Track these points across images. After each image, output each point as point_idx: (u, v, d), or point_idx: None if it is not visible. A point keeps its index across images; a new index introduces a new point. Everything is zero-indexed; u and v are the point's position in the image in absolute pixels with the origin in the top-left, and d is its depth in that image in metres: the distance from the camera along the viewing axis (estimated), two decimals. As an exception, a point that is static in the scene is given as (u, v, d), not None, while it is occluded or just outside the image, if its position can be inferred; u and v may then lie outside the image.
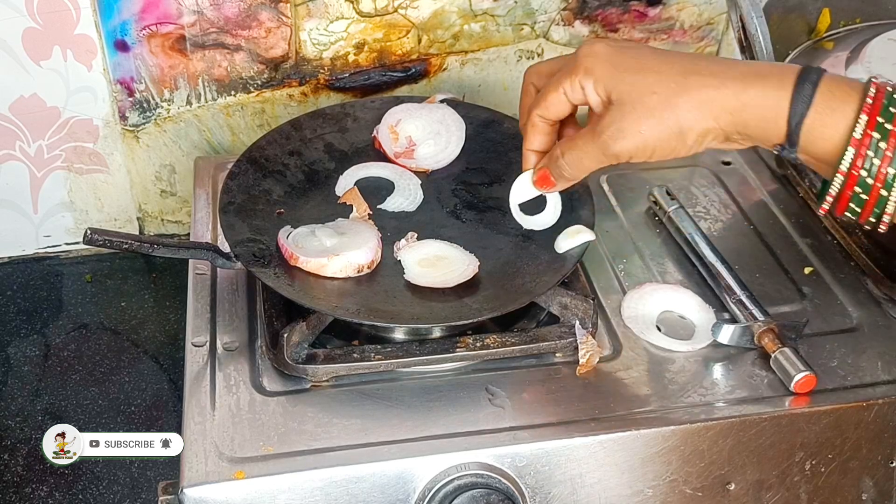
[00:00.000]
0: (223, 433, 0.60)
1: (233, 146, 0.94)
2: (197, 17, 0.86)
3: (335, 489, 0.58)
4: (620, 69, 0.56)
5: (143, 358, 0.86)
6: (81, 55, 0.85)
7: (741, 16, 0.73)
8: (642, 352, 0.68)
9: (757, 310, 0.69)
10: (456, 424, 0.62)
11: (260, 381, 0.65)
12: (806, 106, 0.51)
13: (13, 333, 0.88)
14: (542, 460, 0.61)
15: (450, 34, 0.93)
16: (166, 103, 0.90)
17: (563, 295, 0.68)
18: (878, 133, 0.49)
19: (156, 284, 0.94)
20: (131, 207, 0.96)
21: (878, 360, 0.68)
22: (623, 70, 0.56)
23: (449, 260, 0.69)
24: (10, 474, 0.76)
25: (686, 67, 0.55)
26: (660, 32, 0.97)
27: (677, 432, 0.62)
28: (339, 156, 0.80)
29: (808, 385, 0.64)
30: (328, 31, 0.89)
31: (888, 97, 0.49)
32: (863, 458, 0.65)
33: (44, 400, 0.82)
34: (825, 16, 0.86)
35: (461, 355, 0.65)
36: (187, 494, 0.57)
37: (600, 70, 0.57)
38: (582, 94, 0.58)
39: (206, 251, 0.67)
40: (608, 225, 0.81)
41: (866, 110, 0.49)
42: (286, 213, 0.73)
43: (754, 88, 0.53)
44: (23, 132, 0.88)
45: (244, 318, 0.70)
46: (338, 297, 0.65)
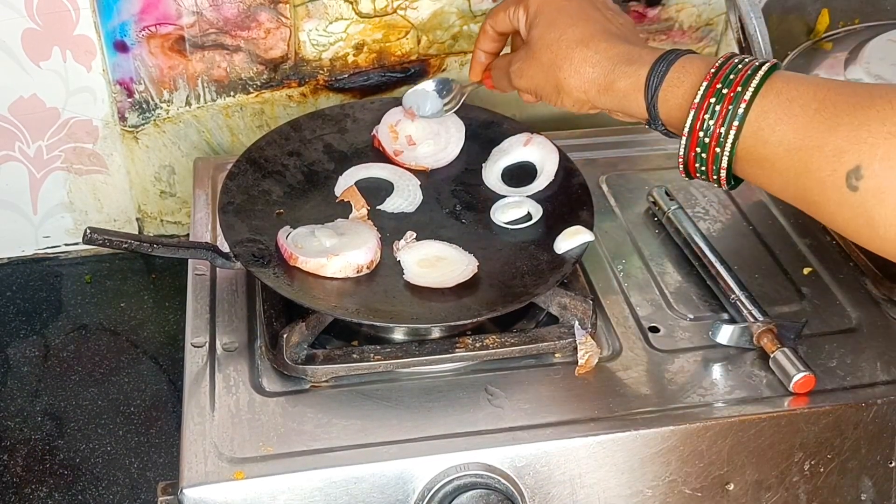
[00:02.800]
0: (223, 434, 0.60)
1: (232, 147, 0.94)
2: (196, 17, 0.86)
3: (335, 489, 0.59)
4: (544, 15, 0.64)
5: (143, 358, 0.86)
6: (81, 56, 0.85)
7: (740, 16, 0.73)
8: (641, 352, 0.68)
9: (756, 310, 0.69)
10: (455, 425, 0.62)
11: (259, 381, 0.65)
12: (659, 81, 0.57)
13: (13, 334, 0.88)
14: (542, 460, 0.61)
15: (449, 35, 0.93)
16: (166, 104, 0.90)
17: (562, 295, 0.68)
18: (715, 98, 0.54)
19: (155, 285, 0.94)
20: (131, 208, 0.96)
21: (877, 361, 0.68)
22: (546, 17, 0.64)
23: (448, 260, 0.69)
24: (10, 475, 0.76)
25: (583, 36, 0.62)
26: (659, 33, 0.97)
27: (676, 433, 0.62)
28: (338, 156, 0.80)
29: (807, 385, 0.64)
30: (327, 32, 0.90)
31: (732, 68, 0.54)
32: (862, 458, 0.65)
33: (43, 400, 0.82)
34: (824, 16, 0.86)
35: (460, 356, 0.65)
36: (187, 495, 0.57)
37: (533, 9, 0.65)
38: (517, 21, 0.67)
39: (205, 251, 0.67)
40: (607, 225, 0.81)
41: (707, 78, 0.54)
42: (285, 213, 0.73)
43: (620, 69, 0.59)
44: (22, 133, 0.88)
45: (244, 319, 0.70)
46: (337, 298, 0.65)
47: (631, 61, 0.59)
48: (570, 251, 0.69)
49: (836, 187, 0.49)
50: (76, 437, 0.79)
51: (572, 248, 0.69)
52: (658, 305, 0.73)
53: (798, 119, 0.51)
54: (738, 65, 0.54)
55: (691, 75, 0.56)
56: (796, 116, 0.51)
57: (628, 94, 0.59)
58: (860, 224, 0.49)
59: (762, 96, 0.52)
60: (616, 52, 0.60)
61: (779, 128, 0.51)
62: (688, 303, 0.73)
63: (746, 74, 0.53)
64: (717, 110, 0.53)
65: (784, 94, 0.52)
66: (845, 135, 0.48)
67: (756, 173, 0.54)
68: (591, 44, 0.61)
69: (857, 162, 0.48)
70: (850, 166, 0.48)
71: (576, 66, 0.61)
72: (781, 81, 0.53)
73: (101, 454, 0.78)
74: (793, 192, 0.53)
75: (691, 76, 0.56)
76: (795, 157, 0.51)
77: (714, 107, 0.54)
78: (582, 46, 0.61)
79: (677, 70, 0.57)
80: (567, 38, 0.62)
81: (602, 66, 0.60)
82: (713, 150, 0.55)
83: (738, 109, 0.53)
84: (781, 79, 0.53)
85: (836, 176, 0.49)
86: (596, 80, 0.60)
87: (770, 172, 0.53)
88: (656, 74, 0.57)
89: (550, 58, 0.63)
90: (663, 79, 0.57)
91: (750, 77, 0.53)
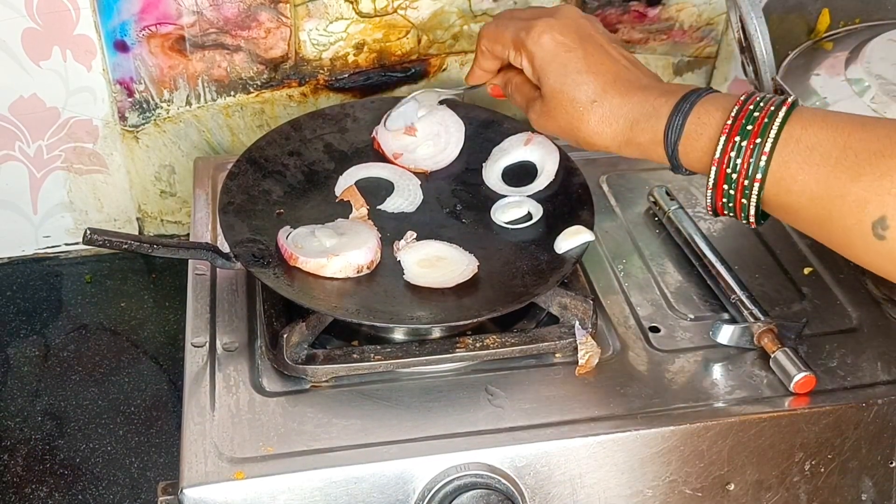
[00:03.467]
0: (223, 433, 0.60)
1: (232, 146, 0.94)
2: (196, 17, 0.86)
3: (335, 489, 0.58)
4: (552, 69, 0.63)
5: (143, 358, 0.86)
6: (81, 55, 0.85)
7: (740, 16, 0.73)
8: (642, 352, 0.68)
9: (756, 310, 0.69)
10: (455, 425, 0.62)
11: (260, 381, 0.65)
12: (677, 136, 0.57)
13: (13, 334, 0.88)
14: (542, 460, 0.61)
15: (449, 34, 0.93)
16: (166, 104, 0.90)
17: (562, 295, 0.68)
18: (735, 151, 0.54)
19: (155, 285, 0.94)
20: (131, 208, 0.96)
21: (878, 361, 0.68)
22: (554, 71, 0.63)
23: (448, 260, 0.69)
24: (10, 475, 0.76)
25: (596, 93, 0.61)
26: (659, 33, 0.97)
27: (677, 433, 0.62)
28: (338, 156, 0.80)
29: (807, 385, 0.64)
30: (328, 32, 0.89)
31: (748, 116, 0.54)
32: (862, 458, 0.65)
33: (43, 400, 0.82)
34: (825, 16, 0.86)
35: (461, 356, 0.65)
36: (187, 495, 0.57)
37: (539, 61, 0.64)
38: (521, 66, 0.67)
39: (205, 251, 0.67)
40: (608, 225, 0.81)
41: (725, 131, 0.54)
42: (286, 213, 0.73)
43: (638, 126, 0.60)
44: (22, 133, 0.88)
45: (244, 319, 0.70)
46: (337, 298, 0.65)
47: (647, 115, 0.59)
48: (570, 251, 0.69)
49: (862, 235, 0.49)
50: (76, 436, 0.79)
51: (573, 247, 0.69)
52: (658, 305, 0.73)
53: (820, 168, 0.51)
54: (755, 112, 0.54)
55: (708, 127, 0.56)
56: (818, 166, 0.51)
57: (649, 148, 0.59)
58: (890, 270, 0.50)
59: (783, 144, 0.52)
60: (631, 108, 0.60)
61: (800, 177, 0.51)
62: (688, 303, 0.73)
63: (764, 123, 0.53)
64: (739, 164, 0.54)
65: (803, 141, 0.52)
66: (868, 185, 0.48)
67: (782, 216, 0.55)
68: (606, 101, 0.61)
69: (881, 213, 0.48)
70: (874, 217, 0.48)
71: (593, 127, 0.62)
72: (800, 127, 0.52)
73: (101, 454, 0.78)
74: (819, 235, 0.53)
75: (708, 128, 0.56)
76: (819, 205, 0.51)
77: (735, 160, 0.54)
78: (597, 106, 0.61)
79: (693, 122, 0.57)
80: (580, 100, 0.62)
81: (619, 123, 0.61)
82: (739, 201, 0.55)
83: (760, 162, 0.53)
84: (800, 123, 0.52)
85: (861, 225, 0.49)
86: (615, 137, 0.61)
87: (795, 217, 0.53)
88: (673, 129, 0.57)
89: (567, 119, 0.63)
90: (681, 133, 0.57)
91: (767, 126, 0.53)
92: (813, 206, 0.51)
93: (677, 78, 1.01)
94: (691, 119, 0.57)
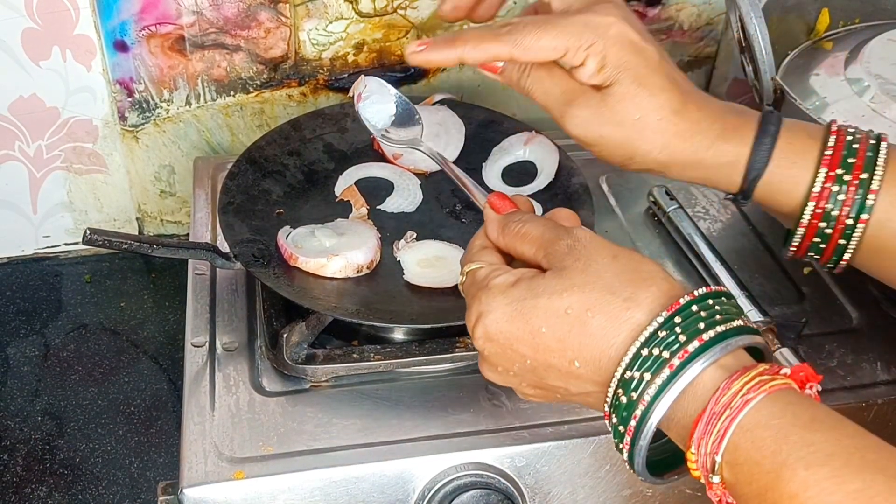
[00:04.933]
0: (223, 433, 0.60)
1: (232, 146, 0.94)
2: (196, 17, 0.86)
3: (335, 489, 0.59)
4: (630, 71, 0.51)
5: (143, 358, 0.86)
6: (81, 55, 0.85)
7: (740, 16, 0.73)
8: (642, 352, 0.68)
9: (756, 310, 0.69)
10: (455, 424, 0.62)
11: (259, 381, 0.65)
12: (764, 162, 0.50)
13: (12, 334, 0.88)
14: (542, 460, 0.61)
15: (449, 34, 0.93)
16: (165, 104, 0.90)
17: (562, 295, 0.68)
18: (837, 186, 0.49)
19: (155, 285, 0.94)
20: (130, 208, 0.96)
21: (878, 361, 0.68)
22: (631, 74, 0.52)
23: (448, 260, 0.69)
24: (10, 474, 0.76)
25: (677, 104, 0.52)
26: (659, 33, 0.97)
27: (677, 432, 0.62)
28: (338, 156, 0.80)
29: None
30: (327, 32, 0.89)
31: (847, 147, 0.49)
32: (862, 457, 0.65)
33: (43, 400, 0.82)
34: (824, 16, 0.86)
35: (460, 355, 0.65)
36: (187, 495, 0.57)
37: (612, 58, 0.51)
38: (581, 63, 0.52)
39: (205, 251, 0.67)
40: (607, 225, 0.81)
41: (825, 163, 0.49)
42: (285, 213, 0.73)
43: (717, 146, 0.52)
44: (22, 132, 0.88)
45: (243, 319, 0.70)
46: (337, 298, 0.65)
47: (726, 137, 0.52)
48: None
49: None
50: (76, 436, 0.79)
51: (572, 247, 0.69)
52: (658, 305, 0.72)
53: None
54: (853, 143, 0.49)
55: (801, 156, 0.50)
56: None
57: (721, 171, 0.52)
58: None
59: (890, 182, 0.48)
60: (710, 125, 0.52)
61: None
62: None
63: (867, 156, 0.48)
64: (841, 200, 0.48)
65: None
66: None
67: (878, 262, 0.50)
68: (686, 113, 0.52)
69: None
70: None
71: (666, 141, 0.52)
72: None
73: (100, 454, 0.78)
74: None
75: (802, 157, 0.50)
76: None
77: (836, 196, 0.49)
78: (679, 118, 0.52)
79: (783, 147, 0.50)
80: (662, 108, 0.52)
81: (696, 141, 0.52)
82: (835, 241, 0.50)
83: (867, 200, 0.48)
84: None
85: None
86: (686, 155, 0.52)
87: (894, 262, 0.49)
88: (761, 152, 0.50)
89: (638, 127, 0.52)
90: (769, 159, 0.50)
91: (871, 159, 0.48)
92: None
93: (677, 78, 1.01)
94: (780, 145, 0.50)
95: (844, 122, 0.51)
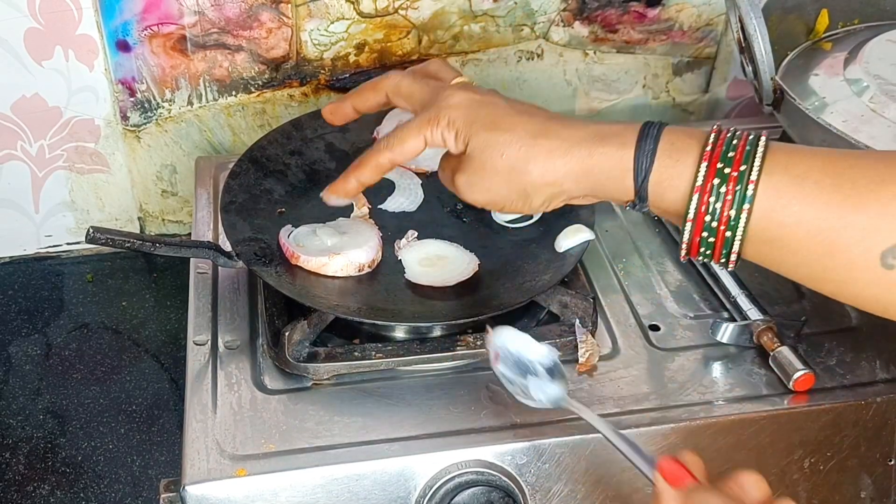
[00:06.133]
0: (225, 431, 0.61)
1: (233, 146, 0.95)
2: (198, 17, 0.86)
3: (336, 486, 0.59)
4: (477, 124, 0.55)
5: (144, 357, 0.87)
6: (83, 55, 0.85)
7: (740, 17, 0.73)
8: (642, 350, 0.68)
9: (756, 308, 0.69)
10: (456, 422, 0.62)
11: (261, 379, 0.65)
12: (650, 162, 0.52)
13: (14, 333, 0.88)
14: (543, 458, 0.61)
15: (450, 35, 0.93)
16: (167, 103, 0.91)
17: (563, 294, 0.69)
18: (719, 178, 0.50)
19: (156, 284, 0.95)
20: (132, 207, 0.97)
21: (877, 359, 0.68)
22: (479, 125, 0.55)
23: (449, 259, 0.70)
24: (12, 473, 0.77)
25: (536, 129, 0.54)
26: (659, 33, 0.98)
27: (677, 430, 0.62)
28: (339, 155, 0.80)
29: (806, 383, 0.65)
30: (329, 32, 0.90)
31: (727, 143, 0.50)
32: (861, 455, 0.65)
33: (45, 399, 0.82)
34: (824, 17, 0.86)
35: (462, 354, 0.66)
36: (189, 492, 0.57)
37: (461, 122, 0.56)
38: (441, 141, 0.57)
39: (207, 250, 0.67)
40: (608, 224, 0.81)
41: (706, 157, 0.50)
42: (287, 212, 0.74)
43: (599, 152, 0.53)
44: (24, 132, 0.89)
45: (245, 317, 0.70)
46: (339, 296, 0.66)
47: (605, 141, 0.53)
48: (570, 250, 0.70)
49: (868, 267, 0.47)
50: (78, 435, 0.80)
51: (573, 246, 0.70)
52: (658, 304, 0.73)
53: (816, 197, 0.48)
54: (732, 139, 0.50)
55: (684, 153, 0.51)
56: (812, 195, 0.48)
57: (612, 177, 0.53)
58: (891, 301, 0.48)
59: (769, 174, 0.49)
60: (583, 135, 0.54)
61: (795, 207, 0.48)
62: (688, 301, 0.73)
63: (745, 150, 0.50)
64: (723, 192, 0.49)
65: (791, 169, 0.49)
66: (876, 212, 0.46)
67: (768, 254, 0.51)
68: (551, 133, 0.54)
69: (892, 241, 0.46)
70: (885, 245, 0.46)
71: (542, 163, 0.54)
72: (784, 155, 0.50)
73: (102, 452, 0.78)
74: (810, 271, 0.50)
75: (684, 154, 0.51)
76: (818, 237, 0.48)
77: (718, 188, 0.50)
78: (542, 139, 0.54)
79: (666, 147, 0.51)
80: (521, 137, 0.54)
81: (574, 153, 0.53)
82: (722, 234, 0.50)
83: (747, 190, 0.49)
84: (783, 153, 0.50)
85: (868, 255, 0.47)
86: (572, 169, 0.53)
87: (785, 252, 0.50)
88: (644, 154, 0.52)
89: (509, 162, 0.54)
90: (654, 159, 0.51)
91: (750, 153, 0.50)
92: (810, 240, 0.49)
93: (677, 78, 1.02)
94: (663, 146, 0.51)
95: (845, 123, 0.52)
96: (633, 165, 0.52)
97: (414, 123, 0.58)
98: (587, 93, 1.00)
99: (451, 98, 0.57)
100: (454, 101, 0.57)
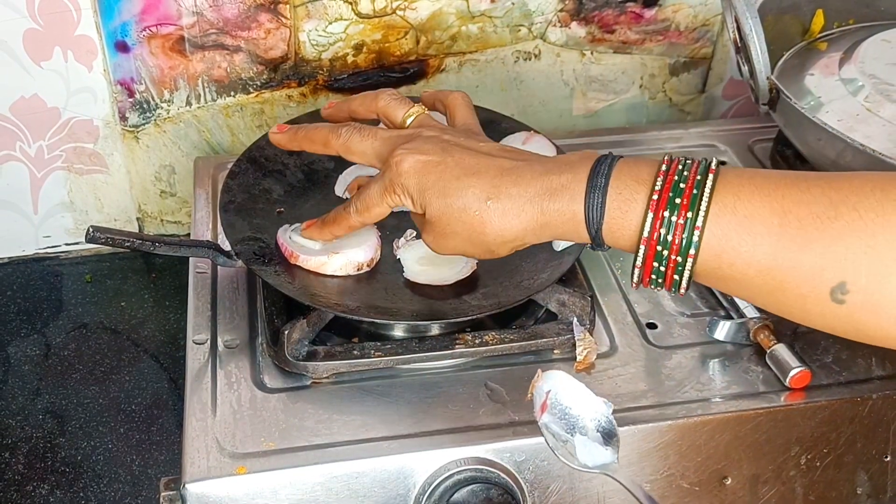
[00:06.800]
0: (224, 429, 0.61)
1: (232, 146, 0.95)
2: (196, 18, 0.86)
3: (336, 484, 0.59)
4: (429, 191, 0.57)
5: (143, 357, 0.87)
6: (82, 56, 0.85)
7: (736, 17, 0.73)
8: (639, 348, 0.69)
9: (752, 306, 0.69)
10: (455, 420, 0.62)
11: (261, 378, 0.65)
12: (599, 216, 0.52)
13: (13, 333, 0.88)
14: (541, 455, 0.61)
15: (447, 35, 0.93)
16: (166, 104, 0.91)
17: (560, 292, 0.69)
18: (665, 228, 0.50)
19: (155, 284, 0.95)
20: (131, 208, 0.97)
21: (873, 356, 0.69)
22: (431, 193, 0.56)
23: (447, 258, 0.70)
24: (12, 472, 0.77)
25: (487, 191, 0.55)
26: (655, 34, 0.98)
27: (674, 427, 0.63)
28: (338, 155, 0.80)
29: (803, 380, 0.65)
30: (327, 33, 0.90)
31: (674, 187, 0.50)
32: (857, 452, 0.66)
33: (44, 399, 0.82)
34: (819, 17, 0.87)
35: (460, 352, 0.66)
36: (189, 490, 0.57)
37: (414, 190, 0.57)
38: (402, 205, 0.59)
39: (207, 249, 0.68)
40: (605, 224, 0.81)
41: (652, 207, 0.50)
42: (286, 211, 0.74)
43: (551, 209, 0.53)
44: (23, 132, 0.89)
45: (245, 316, 0.70)
46: (338, 295, 0.66)
47: (555, 196, 0.53)
48: (568, 248, 0.70)
49: (819, 301, 0.48)
50: (77, 434, 0.80)
51: (571, 245, 0.70)
52: (655, 302, 0.73)
53: (763, 238, 0.48)
54: (679, 183, 0.50)
55: (631, 203, 0.51)
56: (760, 236, 0.48)
57: (567, 230, 0.54)
58: (848, 331, 0.48)
59: (716, 216, 0.49)
60: (533, 192, 0.54)
61: (743, 249, 0.49)
62: (685, 299, 0.73)
63: (692, 194, 0.49)
64: (670, 240, 0.50)
65: (740, 210, 0.49)
66: (821, 252, 0.47)
67: (721, 286, 0.52)
68: (502, 194, 0.54)
69: (840, 279, 0.46)
70: (833, 283, 0.47)
71: (497, 225, 0.55)
72: (732, 195, 0.49)
73: (102, 452, 0.79)
74: (765, 302, 0.51)
75: (632, 203, 0.51)
76: (767, 276, 0.49)
77: (665, 237, 0.50)
78: (493, 201, 0.54)
79: (614, 198, 0.52)
80: (472, 205, 0.55)
81: (527, 210, 0.54)
82: (671, 277, 0.51)
83: (693, 237, 0.49)
84: (730, 190, 0.50)
85: (817, 292, 0.47)
86: (527, 226, 0.54)
87: (737, 287, 0.51)
88: (593, 208, 0.52)
89: (466, 229, 0.56)
90: (603, 212, 0.52)
91: (697, 196, 0.49)
92: (760, 278, 0.49)
93: (673, 78, 1.02)
94: (611, 195, 0.52)
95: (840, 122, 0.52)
96: (584, 218, 0.53)
97: (374, 191, 0.60)
98: (584, 93, 1.01)
99: (401, 164, 0.57)
100: (404, 168, 0.57)
